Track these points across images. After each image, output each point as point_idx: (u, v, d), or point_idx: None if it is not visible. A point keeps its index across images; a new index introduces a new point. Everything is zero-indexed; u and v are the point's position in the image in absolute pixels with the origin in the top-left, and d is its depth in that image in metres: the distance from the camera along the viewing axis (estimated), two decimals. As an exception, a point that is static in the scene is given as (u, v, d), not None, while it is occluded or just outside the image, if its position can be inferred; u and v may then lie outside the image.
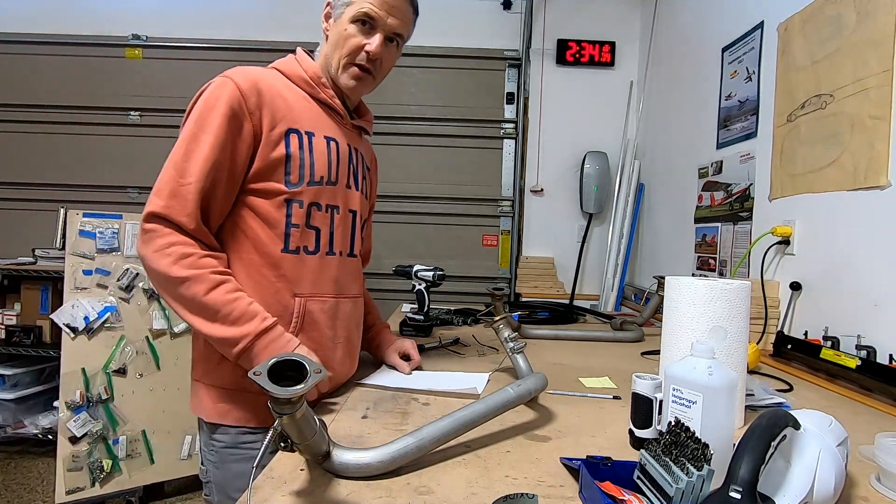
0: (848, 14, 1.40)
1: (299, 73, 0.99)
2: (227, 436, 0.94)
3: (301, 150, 0.93)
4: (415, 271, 1.64)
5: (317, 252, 0.96)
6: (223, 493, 0.94)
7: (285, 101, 0.93)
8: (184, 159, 0.86)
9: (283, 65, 1.00)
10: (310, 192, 0.93)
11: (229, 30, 3.12)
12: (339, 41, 0.97)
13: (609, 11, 3.16)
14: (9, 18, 3.14)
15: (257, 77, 0.91)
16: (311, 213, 0.94)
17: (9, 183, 3.16)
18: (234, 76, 0.89)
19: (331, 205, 0.97)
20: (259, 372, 0.54)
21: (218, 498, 0.95)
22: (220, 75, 0.91)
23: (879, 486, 0.67)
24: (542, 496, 0.61)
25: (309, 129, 0.95)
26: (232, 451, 0.93)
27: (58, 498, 2.06)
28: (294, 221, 0.92)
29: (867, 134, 1.32)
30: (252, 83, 0.89)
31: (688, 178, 2.36)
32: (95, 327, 2.13)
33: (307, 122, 0.95)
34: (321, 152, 0.95)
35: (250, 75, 0.90)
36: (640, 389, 0.75)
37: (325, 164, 0.95)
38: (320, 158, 0.95)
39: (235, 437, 0.93)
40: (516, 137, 3.17)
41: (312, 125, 0.96)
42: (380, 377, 1.12)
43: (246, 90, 0.88)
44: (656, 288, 1.80)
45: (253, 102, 0.89)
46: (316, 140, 0.95)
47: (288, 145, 0.91)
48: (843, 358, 1.20)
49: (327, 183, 0.96)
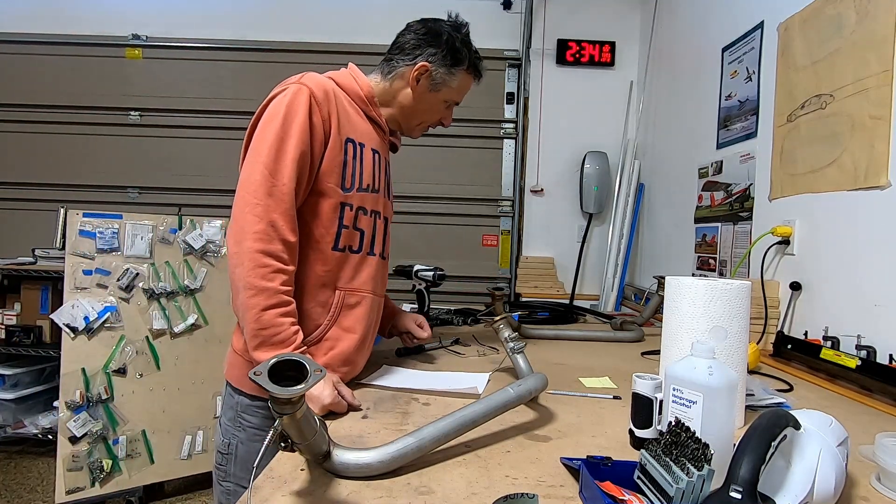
0: (848, 14, 1.40)
1: (356, 90, 1.08)
2: (255, 418, 1.01)
3: (355, 158, 1.03)
4: (415, 271, 1.64)
5: (360, 251, 1.06)
6: (245, 467, 1.01)
7: (346, 112, 1.03)
8: (275, 161, 0.92)
9: (341, 78, 1.08)
10: (358, 197, 1.03)
11: (229, 30, 3.12)
12: (429, 111, 1.15)
13: (609, 11, 3.16)
14: (9, 18, 3.14)
15: (327, 87, 1.00)
16: (358, 216, 1.04)
17: (9, 183, 3.16)
18: (308, 83, 0.97)
19: (374, 210, 1.08)
20: (259, 372, 0.54)
21: (235, 469, 1.03)
22: (294, 82, 0.98)
23: (879, 486, 0.67)
24: (542, 496, 0.61)
25: (361, 141, 1.05)
26: (258, 432, 1.01)
27: (58, 498, 2.06)
28: (345, 223, 1.02)
29: (867, 134, 1.31)
30: (324, 92, 0.98)
31: (688, 178, 2.36)
32: (95, 327, 2.13)
33: (360, 134, 1.05)
34: (369, 162, 1.06)
35: (322, 84, 0.99)
36: (640, 389, 0.75)
37: (371, 174, 1.06)
38: (367, 168, 1.05)
39: (263, 419, 1.01)
40: (516, 137, 3.17)
41: (364, 137, 1.06)
42: (380, 377, 1.12)
43: (320, 97, 0.97)
44: (656, 288, 1.80)
45: (325, 109, 0.98)
46: (366, 151, 1.06)
47: (346, 152, 1.01)
48: (843, 358, 1.20)
49: (372, 190, 1.06)
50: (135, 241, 2.22)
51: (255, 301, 0.89)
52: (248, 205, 0.90)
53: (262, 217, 0.89)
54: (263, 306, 0.89)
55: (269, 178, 0.91)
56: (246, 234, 0.89)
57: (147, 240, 2.23)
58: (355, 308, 1.05)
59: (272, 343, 0.90)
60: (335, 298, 1.02)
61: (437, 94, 1.12)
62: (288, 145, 0.92)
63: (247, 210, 0.89)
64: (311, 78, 0.99)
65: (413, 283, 1.65)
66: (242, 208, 0.90)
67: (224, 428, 1.05)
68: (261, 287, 0.89)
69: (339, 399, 0.91)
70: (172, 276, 2.27)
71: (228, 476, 1.03)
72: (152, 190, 3.16)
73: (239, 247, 0.89)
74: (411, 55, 1.09)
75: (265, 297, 0.89)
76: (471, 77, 1.15)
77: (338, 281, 1.03)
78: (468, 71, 1.13)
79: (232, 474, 1.03)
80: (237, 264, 0.89)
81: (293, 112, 0.94)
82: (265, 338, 0.90)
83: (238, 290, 0.90)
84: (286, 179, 0.91)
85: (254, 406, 1.02)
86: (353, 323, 1.04)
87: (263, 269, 0.89)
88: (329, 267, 1.01)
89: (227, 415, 1.05)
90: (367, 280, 1.07)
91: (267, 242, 0.89)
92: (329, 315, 1.02)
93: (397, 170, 1.36)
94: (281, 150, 0.92)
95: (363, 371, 1.14)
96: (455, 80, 1.12)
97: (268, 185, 0.90)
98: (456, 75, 1.11)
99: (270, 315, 0.89)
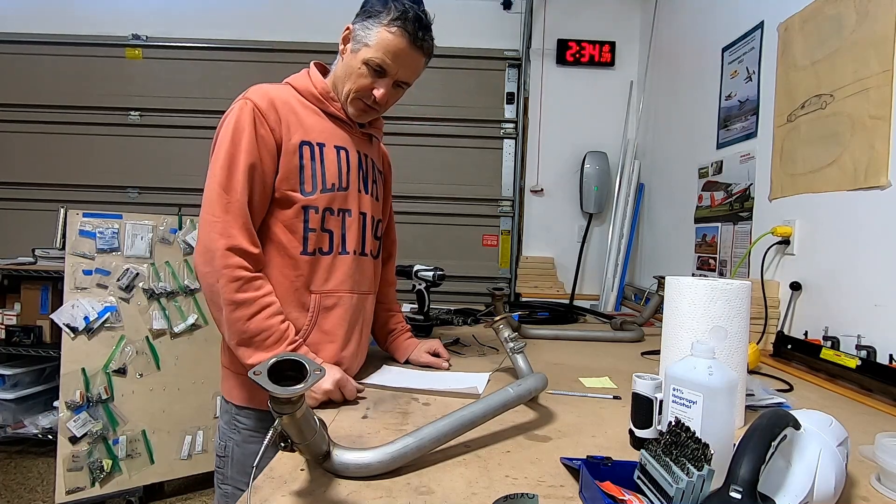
0: (848, 14, 1.40)
1: (310, 90, 1.05)
2: (249, 419, 1.03)
3: (313, 160, 1.01)
4: (415, 271, 1.64)
5: (330, 252, 1.04)
6: (241, 469, 1.03)
7: (297, 116, 1.01)
8: (227, 178, 0.94)
9: (296, 81, 1.07)
10: (323, 198, 1.02)
11: (229, 30, 3.12)
12: (351, 75, 1.02)
13: (609, 11, 3.16)
14: (9, 18, 3.14)
15: (273, 96, 0.99)
16: (326, 217, 1.02)
17: (9, 183, 3.16)
18: (252, 97, 0.97)
19: (342, 209, 1.05)
20: (259, 372, 0.54)
21: (232, 472, 1.04)
22: (239, 99, 0.99)
23: (879, 486, 0.67)
24: (542, 496, 0.61)
25: (320, 141, 1.02)
26: (252, 434, 1.03)
27: (58, 498, 2.06)
28: (311, 226, 1.01)
29: (867, 134, 1.31)
30: (269, 102, 0.98)
31: (688, 178, 2.36)
32: (95, 327, 2.13)
33: (318, 135, 1.03)
34: (332, 161, 1.03)
35: (266, 95, 0.99)
36: (640, 389, 0.75)
37: (335, 173, 1.03)
38: (331, 167, 1.03)
39: (257, 421, 1.03)
40: (516, 137, 3.17)
41: (323, 137, 1.03)
42: (380, 377, 1.12)
43: (264, 108, 0.97)
44: (656, 288, 1.80)
45: (272, 119, 0.97)
46: (327, 150, 1.03)
47: (301, 157, 1.00)
48: (843, 358, 1.20)
49: (339, 189, 1.04)
50: (135, 241, 2.21)
51: (238, 314, 0.92)
52: (208, 224, 0.93)
53: (223, 233, 0.92)
54: (247, 316, 0.92)
55: (224, 196, 0.93)
56: (213, 253, 0.92)
57: (147, 240, 2.23)
58: (333, 310, 1.04)
59: (267, 346, 0.92)
60: (312, 302, 1.02)
61: (356, 55, 1.00)
62: (238, 161, 0.94)
63: (209, 229, 0.93)
64: (256, 91, 0.99)
65: (413, 283, 1.65)
66: (205, 227, 0.93)
67: (221, 431, 1.07)
68: (239, 300, 0.91)
69: (338, 389, 0.92)
70: (172, 276, 2.27)
71: (227, 479, 1.04)
72: (152, 190, 3.16)
73: (210, 266, 0.92)
74: None
75: (245, 307, 0.92)
76: (395, 36, 0.97)
77: (311, 284, 1.02)
78: (390, 27, 0.97)
79: (230, 477, 1.04)
80: (212, 282, 0.92)
81: (239, 129, 0.95)
82: (258, 343, 0.92)
83: (218, 308, 0.93)
84: (238, 195, 0.93)
85: (248, 408, 1.03)
86: (332, 326, 1.04)
87: (237, 282, 0.92)
88: (301, 271, 1.01)
89: (224, 418, 1.07)
90: (344, 279, 1.05)
91: (232, 256, 0.92)
92: (308, 318, 1.02)
93: (397, 170, 1.36)
94: (231, 167, 0.94)
95: (363, 371, 1.15)
96: (371, 35, 0.98)
97: (223, 202, 0.93)
98: (372, 30, 0.98)
99: (256, 322, 0.92)
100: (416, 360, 1.25)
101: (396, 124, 3.10)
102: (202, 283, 0.94)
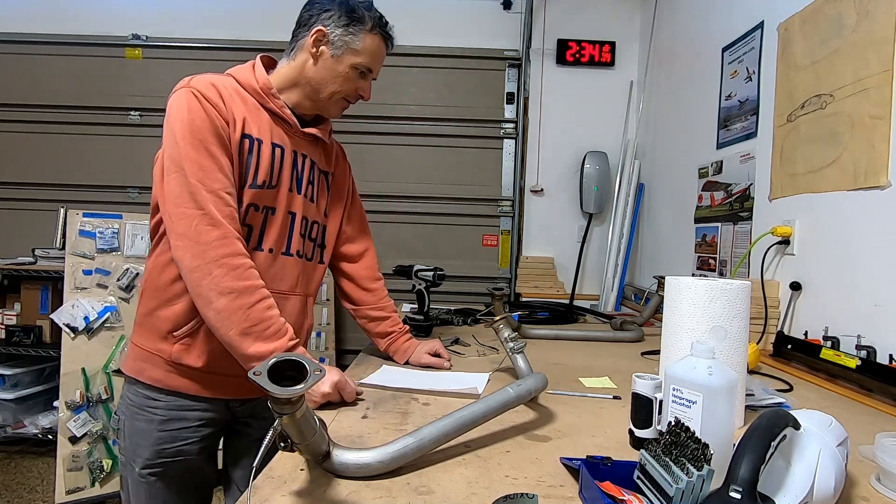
0: (848, 14, 1.40)
1: (251, 84, 1.04)
2: (136, 396, 1.03)
3: (250, 154, 1.00)
4: (415, 271, 1.64)
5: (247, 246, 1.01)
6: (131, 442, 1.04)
7: (239, 108, 1.00)
8: (199, 169, 0.92)
9: (238, 73, 1.06)
10: (250, 193, 1.00)
11: (229, 30, 3.12)
12: (337, 79, 1.06)
13: (609, 11, 3.16)
14: (9, 18, 3.14)
15: (217, 84, 0.98)
16: (249, 212, 1.01)
17: (9, 183, 3.15)
18: (195, 85, 0.96)
19: (267, 206, 1.03)
20: (259, 372, 0.53)
21: (125, 444, 1.05)
22: (182, 87, 0.97)
23: (879, 486, 0.67)
24: (542, 496, 0.61)
25: (259, 136, 1.01)
26: (137, 411, 1.03)
27: (58, 498, 2.06)
28: None
29: (867, 134, 1.31)
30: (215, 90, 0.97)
31: (688, 178, 2.36)
32: (95, 327, 2.13)
33: (257, 130, 1.02)
34: (266, 158, 1.02)
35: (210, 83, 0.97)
36: (640, 389, 0.75)
37: (267, 170, 1.02)
38: (265, 164, 1.02)
39: (142, 399, 1.02)
40: (516, 137, 3.17)
41: (262, 133, 1.02)
42: (380, 377, 1.12)
43: (213, 98, 0.96)
44: (656, 288, 1.80)
45: (221, 107, 0.97)
46: (264, 147, 1.02)
47: (241, 150, 0.99)
48: (843, 358, 1.20)
49: (268, 187, 1.03)
50: (135, 240, 2.22)
51: (240, 302, 0.90)
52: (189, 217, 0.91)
53: (213, 224, 0.91)
54: (250, 304, 0.91)
55: (200, 188, 0.92)
56: (205, 245, 0.90)
57: (147, 240, 2.23)
58: None
59: (266, 336, 0.91)
60: None
61: (342, 60, 1.05)
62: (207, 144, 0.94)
63: (195, 222, 0.91)
64: (199, 80, 0.98)
65: (413, 283, 1.65)
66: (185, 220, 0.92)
67: (119, 406, 1.09)
68: (241, 288, 0.90)
69: (336, 391, 0.92)
70: (172, 276, 2.27)
71: (122, 449, 1.06)
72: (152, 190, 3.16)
73: (200, 259, 0.90)
74: (307, 25, 1.05)
75: (248, 295, 0.91)
76: (378, 40, 1.07)
77: None
78: (373, 32, 1.05)
79: (123, 448, 1.05)
80: (203, 275, 0.90)
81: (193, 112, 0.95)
82: (258, 332, 0.91)
83: (211, 301, 0.90)
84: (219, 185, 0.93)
85: (135, 387, 1.04)
86: None
87: (237, 269, 0.91)
88: None
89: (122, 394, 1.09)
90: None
91: (229, 245, 0.92)
92: None
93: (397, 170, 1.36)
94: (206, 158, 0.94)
95: (363, 371, 1.14)
96: (358, 41, 1.04)
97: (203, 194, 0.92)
98: (358, 36, 1.04)
99: (258, 310, 0.91)
100: (416, 361, 1.24)
101: (396, 124, 3.10)
102: (189, 278, 0.91)
